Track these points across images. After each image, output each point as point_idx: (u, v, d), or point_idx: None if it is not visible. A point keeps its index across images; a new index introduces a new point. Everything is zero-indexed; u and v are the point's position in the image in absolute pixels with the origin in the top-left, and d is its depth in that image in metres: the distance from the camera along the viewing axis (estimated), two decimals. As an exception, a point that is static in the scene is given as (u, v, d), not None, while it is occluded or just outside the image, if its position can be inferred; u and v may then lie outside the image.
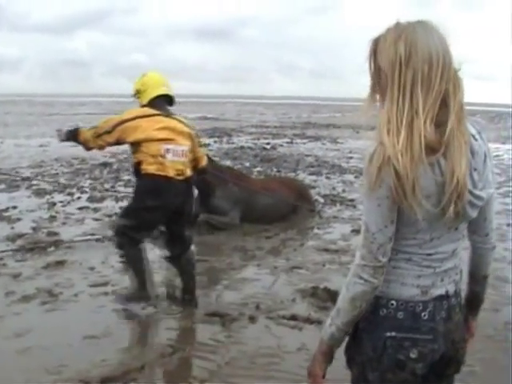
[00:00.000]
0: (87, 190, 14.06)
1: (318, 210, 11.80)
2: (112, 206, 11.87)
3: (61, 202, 12.41)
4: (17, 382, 4.80)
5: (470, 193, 2.26)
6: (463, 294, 2.61)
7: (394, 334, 2.36)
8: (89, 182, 15.39)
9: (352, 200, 13.22)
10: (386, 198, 2.21)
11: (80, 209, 11.77)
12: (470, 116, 2.31)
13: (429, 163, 2.17)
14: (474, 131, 2.33)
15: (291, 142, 28.07)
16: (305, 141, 29.27)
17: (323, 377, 2.52)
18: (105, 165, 18.55)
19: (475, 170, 2.29)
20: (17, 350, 5.41)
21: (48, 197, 12.89)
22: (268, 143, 26.93)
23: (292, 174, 16.85)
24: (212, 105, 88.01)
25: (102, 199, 12.79)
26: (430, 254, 2.36)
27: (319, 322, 6.17)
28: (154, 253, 8.50)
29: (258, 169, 18.05)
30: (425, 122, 2.15)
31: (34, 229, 10.01)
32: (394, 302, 2.37)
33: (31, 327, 5.94)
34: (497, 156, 23.67)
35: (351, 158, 21.96)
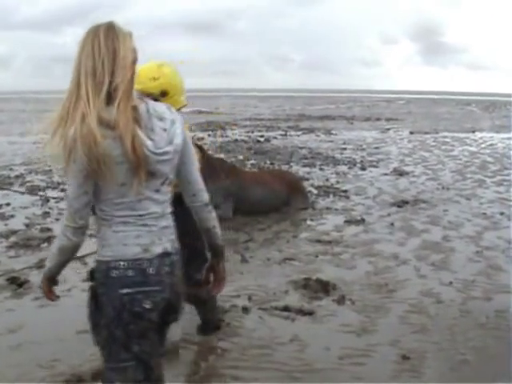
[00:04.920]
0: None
1: (311, 201, 11.76)
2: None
3: (54, 198, 12.33)
4: (9, 378, 4.79)
5: (155, 153, 2.74)
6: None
7: (127, 290, 2.79)
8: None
9: (345, 191, 13.22)
10: (79, 171, 2.67)
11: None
12: (465, 105, 2.39)
13: (116, 136, 2.63)
14: (164, 107, 2.91)
15: (285, 135, 27.99)
16: (299, 133, 29.18)
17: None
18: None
19: (164, 130, 2.82)
20: (9, 346, 5.41)
21: (41, 193, 12.80)
22: (262, 136, 26.83)
23: (286, 166, 16.82)
24: (206, 99, 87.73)
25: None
26: (142, 215, 2.82)
27: (311, 313, 6.20)
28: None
29: (252, 161, 18.00)
30: (97, 106, 2.62)
31: (27, 225, 9.99)
32: (122, 262, 2.80)
33: (24, 323, 5.94)
34: (491, 145, 23.72)
35: (345, 149, 21.93)
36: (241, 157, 19.09)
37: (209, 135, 27.25)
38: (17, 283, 7.09)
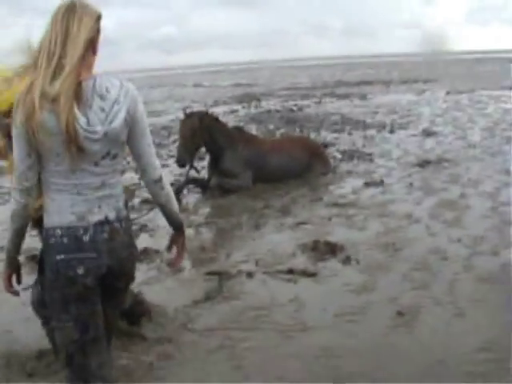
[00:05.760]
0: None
1: (333, 166, 11.80)
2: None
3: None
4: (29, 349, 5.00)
5: (85, 130, 2.85)
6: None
7: (62, 256, 2.94)
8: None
9: (370, 154, 13.22)
10: (21, 135, 2.85)
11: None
12: (508, 63, 2.44)
13: (53, 110, 2.79)
14: (115, 84, 2.99)
15: (319, 102, 27.90)
16: (333, 100, 29.08)
17: (19, 282, 3.23)
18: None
19: (103, 109, 2.91)
20: (21, 318, 5.58)
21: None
22: (296, 105, 26.81)
23: (315, 133, 16.83)
24: (246, 71, 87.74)
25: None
26: (76, 185, 2.94)
27: (314, 275, 6.29)
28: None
29: (282, 130, 18.01)
30: (43, 79, 2.81)
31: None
32: (58, 230, 2.95)
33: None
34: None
35: (377, 112, 21.82)
36: (271, 126, 19.11)
37: (243, 107, 27.33)
38: (36, 261, 7.29)
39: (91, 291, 3.02)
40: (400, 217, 8.26)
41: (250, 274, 6.39)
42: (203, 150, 10.79)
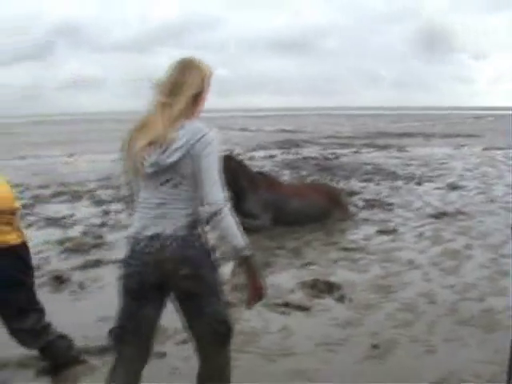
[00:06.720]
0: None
1: (352, 213, 12.36)
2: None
3: (117, 210, 13.30)
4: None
5: (148, 162, 3.53)
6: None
7: (124, 257, 3.70)
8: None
9: (390, 204, 13.72)
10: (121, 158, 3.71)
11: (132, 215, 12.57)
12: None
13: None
14: (187, 126, 3.51)
15: (357, 152, 28.47)
16: (371, 150, 29.61)
17: None
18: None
19: (160, 146, 3.49)
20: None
21: (105, 207, 13.85)
22: (333, 153, 27.42)
23: (344, 181, 17.41)
24: (293, 117, 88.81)
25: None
26: (144, 202, 3.64)
27: (307, 309, 6.84)
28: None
29: (313, 177, 18.58)
30: (158, 122, 3.56)
31: (84, 233, 10.94)
32: (129, 237, 3.70)
33: (55, 310, 6.76)
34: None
35: (409, 165, 22.26)
36: (304, 173, 19.73)
37: (282, 153, 28.03)
38: (59, 280, 8.00)
39: (138, 293, 3.64)
40: (402, 263, 8.75)
41: (248, 305, 6.95)
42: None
